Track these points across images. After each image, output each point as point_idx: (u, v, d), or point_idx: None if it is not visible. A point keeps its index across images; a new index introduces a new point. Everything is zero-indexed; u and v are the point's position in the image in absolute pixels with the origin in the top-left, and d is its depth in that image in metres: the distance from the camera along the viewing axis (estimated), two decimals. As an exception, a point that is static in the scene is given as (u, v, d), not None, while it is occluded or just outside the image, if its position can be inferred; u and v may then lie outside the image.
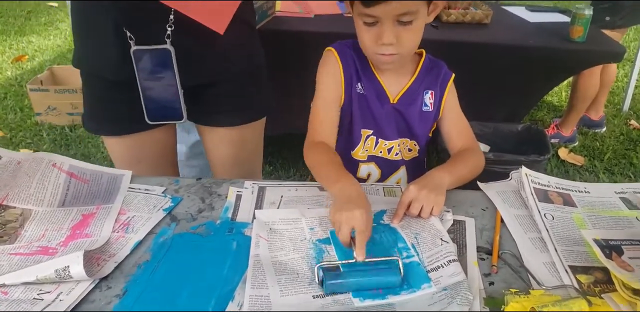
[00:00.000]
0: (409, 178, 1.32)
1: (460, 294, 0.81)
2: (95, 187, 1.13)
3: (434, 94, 1.23)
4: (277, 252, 0.93)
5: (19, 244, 0.96)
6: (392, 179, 1.31)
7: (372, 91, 1.20)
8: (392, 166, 1.30)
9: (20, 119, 3.45)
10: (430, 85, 1.23)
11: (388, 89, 1.21)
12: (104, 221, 1.02)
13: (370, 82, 1.20)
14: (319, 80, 1.21)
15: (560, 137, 3.14)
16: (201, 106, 1.35)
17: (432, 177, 1.05)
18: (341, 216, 0.91)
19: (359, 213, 0.90)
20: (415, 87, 1.22)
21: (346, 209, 0.91)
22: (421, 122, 1.25)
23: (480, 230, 1.01)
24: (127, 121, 1.32)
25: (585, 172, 2.89)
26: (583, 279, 0.87)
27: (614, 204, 1.08)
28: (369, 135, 1.25)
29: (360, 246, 0.88)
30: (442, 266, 0.89)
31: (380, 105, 1.21)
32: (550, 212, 1.02)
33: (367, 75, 1.20)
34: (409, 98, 1.22)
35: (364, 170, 1.29)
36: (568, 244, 0.95)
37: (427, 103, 1.23)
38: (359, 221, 0.89)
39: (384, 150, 1.26)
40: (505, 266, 0.91)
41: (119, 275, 0.89)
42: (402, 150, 1.28)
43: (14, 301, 0.82)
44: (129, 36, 1.16)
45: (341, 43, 1.22)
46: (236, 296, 0.84)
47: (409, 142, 1.28)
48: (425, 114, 1.24)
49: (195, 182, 1.16)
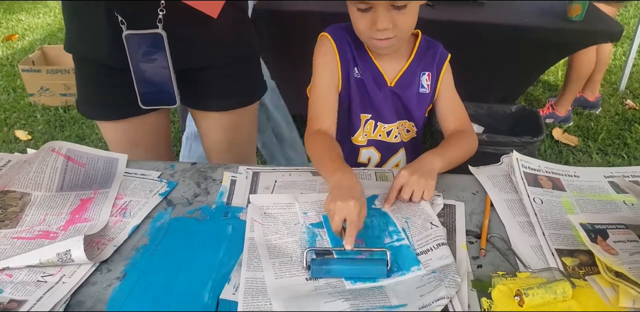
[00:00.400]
0: (407, 159, 1.34)
1: (448, 277, 0.84)
2: (92, 171, 1.14)
3: (430, 76, 1.24)
4: (271, 236, 0.96)
5: (21, 228, 0.98)
6: (391, 162, 1.33)
7: (369, 75, 1.20)
8: (391, 149, 1.31)
9: (14, 100, 3.44)
10: (426, 67, 1.24)
11: (385, 72, 1.21)
12: (101, 206, 1.04)
13: (367, 66, 1.20)
14: (315, 67, 1.21)
15: (555, 117, 3.16)
16: (194, 91, 1.36)
17: (423, 162, 1.07)
18: (335, 205, 0.92)
19: (352, 204, 0.91)
20: (412, 70, 1.22)
21: (341, 199, 0.92)
22: (419, 104, 1.26)
23: (470, 214, 1.03)
24: (121, 106, 1.33)
25: (579, 152, 2.92)
26: (568, 262, 0.90)
27: (603, 188, 1.10)
28: (368, 119, 1.26)
29: (349, 235, 0.90)
30: (432, 249, 0.92)
31: (378, 88, 1.21)
32: (539, 197, 1.05)
33: (363, 59, 1.20)
34: (406, 81, 1.22)
35: (365, 154, 1.30)
36: (555, 227, 0.97)
37: (424, 85, 1.24)
38: (352, 211, 0.91)
39: (383, 133, 1.28)
40: (494, 249, 0.94)
41: (118, 258, 0.92)
42: (401, 132, 1.29)
43: (19, 283, 0.85)
44: (120, 20, 1.17)
45: (335, 27, 1.21)
46: (232, 278, 0.86)
47: (407, 124, 1.29)
48: (422, 95, 1.25)
49: (190, 166, 1.18)
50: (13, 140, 2.98)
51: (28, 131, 3.07)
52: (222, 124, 1.46)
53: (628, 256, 0.86)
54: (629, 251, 0.88)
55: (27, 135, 3.03)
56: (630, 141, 2.99)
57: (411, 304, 0.81)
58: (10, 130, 3.08)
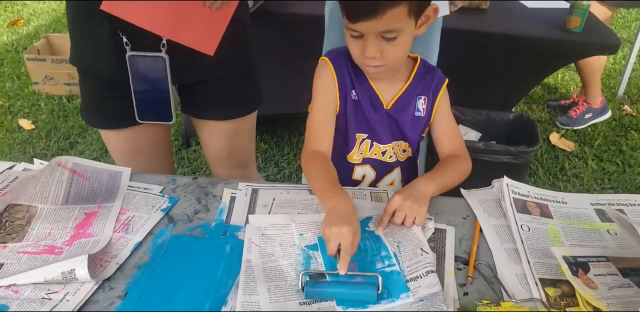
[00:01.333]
0: (403, 177, 1.37)
1: (435, 306, 0.88)
2: (96, 184, 1.18)
3: (426, 100, 1.26)
4: (267, 258, 1.00)
5: (27, 242, 1.02)
6: (386, 180, 1.36)
7: (366, 97, 1.23)
8: (387, 168, 1.34)
9: (18, 87, 3.46)
10: (423, 91, 1.26)
11: (382, 95, 1.24)
12: (105, 221, 1.08)
13: (363, 89, 1.23)
14: (315, 90, 1.24)
15: (592, 110, 3.14)
16: (194, 101, 1.41)
17: (417, 188, 1.11)
18: (330, 231, 0.97)
19: (346, 230, 0.95)
20: (408, 93, 1.25)
21: (336, 225, 0.97)
22: (413, 127, 1.29)
23: (460, 239, 1.07)
24: (122, 116, 1.37)
25: (575, 158, 2.95)
26: (551, 292, 0.94)
27: (588, 216, 1.14)
28: (364, 139, 1.29)
29: (343, 260, 0.94)
30: (421, 277, 0.96)
31: (374, 111, 1.24)
32: (526, 224, 1.09)
33: (360, 82, 1.23)
34: (402, 104, 1.25)
35: (359, 172, 1.33)
36: (540, 256, 1.01)
37: (419, 108, 1.27)
38: (346, 238, 0.95)
39: (378, 153, 1.31)
40: (480, 276, 0.98)
41: (120, 276, 0.96)
42: (397, 152, 1.32)
43: (25, 300, 0.89)
44: (125, 42, 1.21)
45: (335, 52, 1.25)
46: (229, 300, 0.91)
47: (402, 144, 1.32)
48: (417, 119, 1.28)
49: (192, 181, 1.22)
50: (17, 130, 3.01)
51: (32, 120, 3.10)
52: (222, 132, 1.50)
53: (607, 291, 0.91)
54: (608, 285, 0.92)
55: (31, 124, 3.05)
56: (625, 148, 3.03)
57: (399, 331, 0.85)
58: (14, 119, 3.11)
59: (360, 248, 1.02)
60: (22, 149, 2.83)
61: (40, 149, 2.83)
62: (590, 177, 2.78)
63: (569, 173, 2.81)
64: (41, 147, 2.84)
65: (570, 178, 2.77)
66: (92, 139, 2.90)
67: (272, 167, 2.74)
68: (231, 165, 1.61)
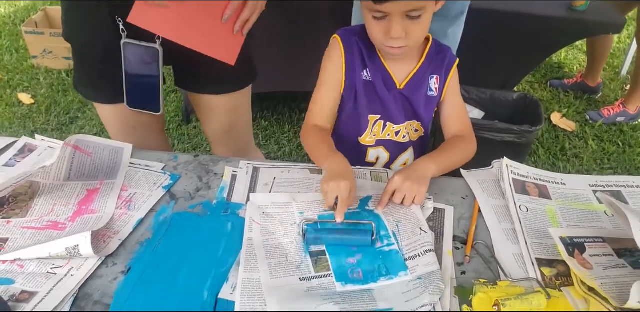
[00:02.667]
0: (415, 157, 1.38)
1: (433, 284, 0.90)
2: (98, 160, 1.19)
3: (438, 79, 1.27)
4: (268, 236, 1.01)
5: (31, 218, 1.03)
6: (400, 160, 1.37)
7: (379, 77, 1.23)
8: (400, 148, 1.35)
9: (17, 61, 3.44)
10: (435, 70, 1.26)
11: (395, 75, 1.24)
12: (107, 197, 1.09)
13: (377, 69, 1.23)
14: (323, 67, 1.25)
15: (626, 115, 3.07)
16: (190, 75, 1.41)
17: (417, 168, 1.11)
18: (328, 185, 1.03)
19: (343, 184, 1.02)
20: (421, 73, 1.25)
21: (334, 180, 1.03)
22: (426, 106, 1.29)
23: (458, 219, 1.08)
24: (115, 92, 1.36)
25: (576, 138, 2.96)
26: (547, 272, 0.95)
27: (587, 197, 1.15)
28: (377, 120, 1.29)
29: (340, 210, 1.01)
30: (419, 255, 0.97)
31: (387, 90, 1.25)
32: (525, 204, 1.10)
33: (374, 62, 1.23)
34: (415, 84, 1.25)
35: (373, 154, 1.34)
36: (538, 236, 1.03)
37: (432, 88, 1.27)
38: (343, 190, 1.02)
39: (392, 133, 1.31)
40: (478, 256, 1.00)
41: (123, 252, 0.97)
42: (410, 132, 1.33)
43: (30, 275, 0.91)
44: (121, 28, 1.21)
45: (347, 30, 1.24)
46: (230, 277, 0.92)
47: (415, 124, 1.32)
48: (430, 98, 1.28)
49: (193, 159, 1.22)
50: (16, 104, 3.00)
51: (31, 95, 3.09)
52: (219, 107, 1.51)
53: (602, 271, 0.92)
54: (603, 266, 0.94)
55: (30, 99, 3.05)
56: (626, 129, 3.03)
57: (397, 309, 0.87)
58: (13, 93, 3.10)
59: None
60: (22, 124, 2.83)
61: (41, 124, 2.83)
62: (590, 158, 2.78)
63: (569, 153, 2.82)
64: (41, 122, 2.84)
65: (570, 158, 2.78)
66: (92, 114, 2.89)
67: (273, 144, 2.74)
68: (230, 141, 1.62)
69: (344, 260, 0.97)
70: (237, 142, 1.62)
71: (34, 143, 1.23)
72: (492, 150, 2.14)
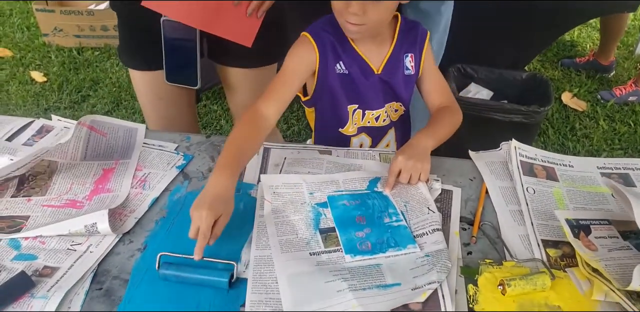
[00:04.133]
0: (397, 136, 1.39)
1: (440, 262, 0.92)
2: (112, 140, 1.21)
3: (413, 56, 1.26)
4: (279, 213, 1.04)
5: (50, 196, 1.07)
6: (382, 143, 1.38)
7: (356, 67, 1.22)
8: (381, 131, 1.36)
9: (28, 39, 3.45)
10: (409, 48, 1.25)
11: (370, 61, 1.22)
12: (123, 177, 1.12)
13: (351, 58, 1.21)
14: (289, 56, 1.21)
15: (639, 94, 3.04)
16: (223, 48, 1.42)
17: (416, 145, 1.13)
18: (193, 211, 0.93)
19: (205, 214, 0.91)
20: (395, 53, 1.24)
21: (198, 208, 0.92)
22: (406, 86, 1.28)
23: (466, 200, 1.10)
24: (153, 59, 1.40)
25: (586, 118, 2.94)
26: (552, 253, 0.98)
27: (594, 179, 1.16)
28: (355, 109, 1.28)
29: (198, 245, 0.91)
30: (427, 234, 1.00)
31: (366, 78, 1.23)
32: (532, 186, 1.11)
33: (347, 51, 1.20)
34: (392, 65, 1.24)
35: (356, 142, 1.35)
36: (544, 218, 1.04)
37: (408, 66, 1.26)
38: (204, 222, 0.91)
39: (371, 120, 1.31)
40: (484, 236, 1.02)
41: (139, 230, 1.01)
42: (390, 114, 1.33)
43: (51, 251, 0.95)
44: None
45: (317, 26, 1.21)
46: (243, 255, 0.95)
47: (395, 105, 1.32)
48: (408, 77, 1.27)
49: (205, 139, 1.25)
50: (29, 82, 3.03)
51: (43, 73, 3.11)
52: (247, 81, 1.54)
53: (606, 252, 0.94)
54: (607, 247, 0.96)
55: (43, 76, 3.07)
56: (638, 109, 3.00)
57: (404, 284, 0.90)
58: (26, 71, 3.12)
59: (368, 205, 1.06)
60: (35, 102, 2.85)
61: (53, 102, 2.85)
62: (600, 138, 2.77)
63: (579, 133, 2.81)
64: (54, 100, 2.86)
65: (580, 138, 2.77)
66: (103, 93, 2.91)
67: (282, 123, 2.76)
68: None
69: (352, 234, 1.00)
70: None
71: (51, 124, 1.25)
72: (501, 131, 2.15)
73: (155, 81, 1.46)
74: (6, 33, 3.51)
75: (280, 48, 1.51)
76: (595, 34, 3.81)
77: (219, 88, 2.79)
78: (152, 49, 1.38)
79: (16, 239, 0.96)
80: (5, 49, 3.32)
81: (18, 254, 0.93)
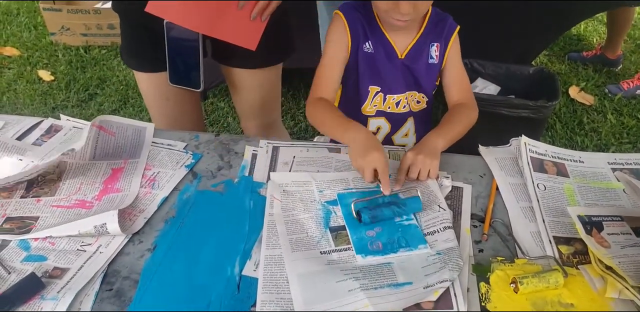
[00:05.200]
0: (416, 128, 1.40)
1: (452, 260, 0.92)
2: (121, 140, 1.21)
3: (439, 47, 1.29)
4: (289, 212, 1.04)
5: (59, 197, 1.06)
6: (401, 131, 1.39)
7: (381, 49, 1.26)
8: (401, 119, 1.37)
9: (35, 38, 3.46)
10: (435, 38, 1.29)
11: (396, 45, 1.26)
12: (132, 176, 1.12)
13: (378, 41, 1.25)
14: (327, 42, 1.27)
15: None
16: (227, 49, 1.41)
17: (427, 143, 1.13)
18: (363, 160, 1.03)
19: (377, 155, 1.02)
20: (422, 42, 1.28)
21: (367, 153, 1.03)
22: (428, 74, 1.31)
23: (476, 197, 1.10)
24: (157, 61, 1.40)
25: (594, 112, 2.92)
26: (564, 250, 0.97)
27: (605, 175, 1.15)
28: (378, 92, 1.31)
29: (385, 182, 1.03)
30: (438, 232, 0.99)
31: (389, 61, 1.27)
32: (543, 182, 1.10)
33: (375, 34, 1.25)
34: (416, 52, 1.28)
35: (373, 124, 1.36)
36: (555, 214, 1.04)
37: (432, 55, 1.29)
38: (379, 162, 1.02)
39: (392, 105, 1.33)
40: (495, 234, 1.01)
41: (148, 230, 1.01)
42: (410, 103, 1.34)
43: (61, 251, 0.95)
44: None
45: (348, 6, 1.26)
46: (253, 255, 0.95)
47: (417, 95, 1.34)
48: (431, 66, 1.30)
49: (214, 138, 1.24)
50: (37, 81, 3.04)
51: (51, 71, 3.11)
52: (254, 82, 1.54)
53: (619, 249, 0.93)
54: (620, 244, 0.95)
55: (50, 75, 3.07)
56: (647, 102, 2.98)
57: (416, 283, 0.89)
58: (33, 70, 3.13)
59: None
60: (43, 101, 2.86)
61: (61, 101, 2.86)
62: (608, 132, 2.76)
63: (587, 127, 2.79)
64: (61, 99, 2.87)
65: (588, 132, 2.76)
66: (110, 91, 2.92)
67: (289, 120, 2.75)
68: (260, 116, 1.66)
69: (363, 233, 1.00)
70: (266, 117, 1.67)
71: (60, 123, 1.25)
72: (508, 126, 2.14)
73: (160, 82, 1.46)
74: (14, 32, 3.52)
75: (285, 48, 1.51)
76: (602, 28, 3.78)
77: (225, 85, 2.79)
78: (155, 50, 1.38)
79: (26, 240, 0.96)
80: (13, 48, 3.33)
81: (28, 255, 0.94)
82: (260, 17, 1.26)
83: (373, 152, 1.03)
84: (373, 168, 1.03)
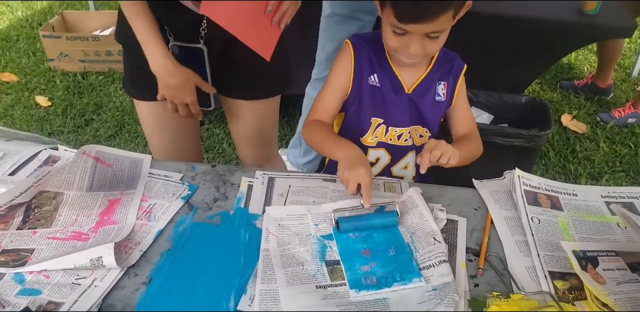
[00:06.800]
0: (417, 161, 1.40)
1: (448, 296, 0.92)
2: (118, 171, 1.22)
3: (446, 85, 1.32)
4: (284, 246, 1.04)
5: (55, 228, 1.06)
6: (401, 163, 1.40)
7: (387, 82, 1.28)
8: (401, 151, 1.38)
9: (34, 64, 3.49)
10: (443, 77, 1.31)
11: (403, 80, 1.29)
12: (128, 208, 1.12)
13: (385, 74, 1.28)
14: (332, 68, 1.31)
15: (637, 116, 3.08)
16: (225, 79, 1.45)
17: None
18: (349, 173, 1.07)
19: (363, 171, 1.06)
20: (429, 78, 1.30)
21: (353, 168, 1.07)
22: (433, 111, 1.33)
23: (471, 231, 1.10)
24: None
25: (586, 140, 2.95)
26: (559, 285, 0.97)
27: (598, 209, 1.16)
28: (380, 123, 1.33)
29: (366, 195, 1.06)
30: (434, 266, 0.99)
31: (395, 94, 1.29)
32: (537, 216, 1.11)
33: (382, 67, 1.27)
34: (423, 88, 1.30)
35: (373, 155, 1.37)
36: (550, 249, 1.04)
37: (439, 93, 1.32)
38: (364, 178, 1.06)
39: (393, 137, 1.34)
40: (490, 268, 1.02)
41: (144, 263, 1.00)
42: (414, 137, 1.36)
43: (56, 285, 0.94)
44: (168, 33, 1.29)
45: (358, 37, 1.29)
46: (248, 289, 0.95)
47: (420, 129, 1.36)
48: (437, 103, 1.32)
49: (210, 169, 1.25)
50: (34, 106, 3.05)
51: (48, 97, 3.13)
52: (252, 113, 1.55)
53: (615, 286, 0.94)
54: (616, 280, 0.95)
55: (47, 101, 3.09)
56: (638, 130, 3.02)
57: (412, 319, 0.89)
58: (31, 96, 3.14)
59: (374, 237, 1.06)
60: (39, 126, 2.87)
61: (57, 126, 2.87)
62: (601, 160, 2.79)
63: (580, 155, 2.82)
64: (58, 124, 2.88)
65: (581, 161, 2.78)
66: (107, 117, 2.93)
67: (287, 129, 2.80)
68: (257, 145, 1.67)
69: (357, 267, 1.00)
70: (263, 146, 1.67)
71: (57, 154, 1.26)
72: (501, 155, 2.16)
73: (161, 111, 1.47)
74: (12, 58, 3.55)
75: (285, 78, 1.53)
76: (593, 57, 3.85)
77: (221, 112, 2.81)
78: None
79: (20, 273, 0.96)
80: (12, 73, 3.36)
81: (22, 289, 0.93)
82: (279, 24, 1.27)
83: (360, 167, 1.06)
84: (357, 182, 1.06)
